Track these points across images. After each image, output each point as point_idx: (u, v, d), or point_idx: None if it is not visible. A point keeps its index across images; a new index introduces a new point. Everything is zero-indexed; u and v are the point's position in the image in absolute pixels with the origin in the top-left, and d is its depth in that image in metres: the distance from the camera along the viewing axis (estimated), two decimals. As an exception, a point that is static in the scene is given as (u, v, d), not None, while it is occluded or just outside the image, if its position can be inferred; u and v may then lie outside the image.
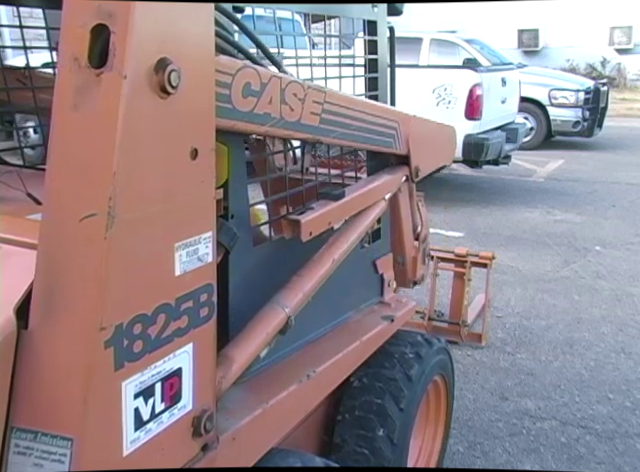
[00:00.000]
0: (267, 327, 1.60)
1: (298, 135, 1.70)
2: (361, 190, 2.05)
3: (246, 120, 1.45)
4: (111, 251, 1.08)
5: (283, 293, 1.69)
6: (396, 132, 2.16)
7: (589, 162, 10.03)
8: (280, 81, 1.53)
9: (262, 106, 1.49)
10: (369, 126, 1.99)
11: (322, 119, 1.73)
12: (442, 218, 6.82)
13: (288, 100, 1.57)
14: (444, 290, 4.42)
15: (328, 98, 1.74)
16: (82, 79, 1.06)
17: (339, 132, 1.84)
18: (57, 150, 1.11)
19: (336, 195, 1.90)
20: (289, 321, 1.65)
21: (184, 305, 1.26)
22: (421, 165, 2.36)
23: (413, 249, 2.56)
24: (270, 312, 1.63)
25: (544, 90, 10.65)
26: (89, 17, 1.05)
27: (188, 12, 1.17)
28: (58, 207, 1.11)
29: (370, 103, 2.08)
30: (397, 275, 2.59)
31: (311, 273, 1.78)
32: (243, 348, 1.53)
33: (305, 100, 1.64)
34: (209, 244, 1.31)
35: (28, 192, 1.47)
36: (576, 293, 4.92)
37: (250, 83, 1.43)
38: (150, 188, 1.14)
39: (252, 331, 1.58)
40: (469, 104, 6.89)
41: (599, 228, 6.59)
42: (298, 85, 1.61)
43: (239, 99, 1.41)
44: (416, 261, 2.58)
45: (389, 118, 2.11)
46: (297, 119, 1.63)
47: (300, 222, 1.72)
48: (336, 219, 1.92)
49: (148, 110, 1.10)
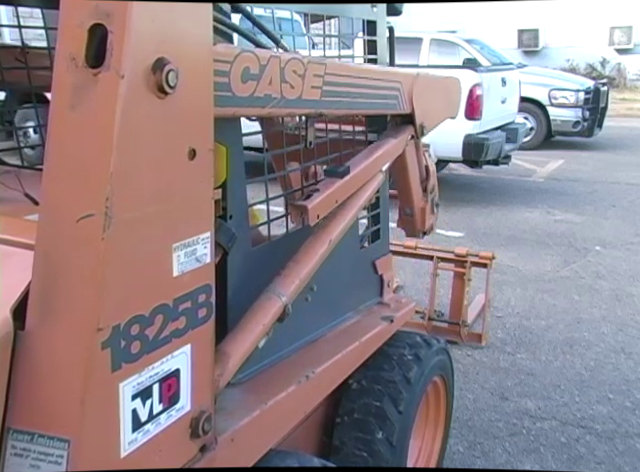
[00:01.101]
0: (264, 319, 1.58)
1: (299, 112, 1.68)
2: (366, 161, 2.01)
3: (247, 105, 1.44)
4: (108, 252, 1.08)
5: (279, 281, 1.66)
6: (399, 92, 2.14)
7: (589, 162, 10.02)
8: (279, 60, 1.51)
9: (262, 88, 1.47)
10: (372, 91, 1.97)
11: (324, 91, 1.70)
12: (442, 218, 6.78)
13: (288, 78, 1.55)
14: (444, 290, 4.41)
15: (329, 70, 1.71)
16: (79, 79, 1.05)
17: (342, 102, 1.81)
18: (54, 150, 1.10)
19: (341, 172, 1.87)
20: (286, 309, 1.62)
21: (182, 306, 1.25)
22: (426, 122, 2.33)
23: (422, 200, 2.54)
24: (266, 302, 1.60)
25: (544, 90, 10.65)
26: (86, 17, 1.04)
27: (186, 12, 1.16)
28: (55, 207, 1.11)
29: (372, 68, 2.04)
30: (406, 226, 2.59)
31: (307, 257, 1.75)
32: (240, 343, 1.52)
33: (305, 75, 1.62)
34: (207, 245, 1.30)
35: (26, 192, 1.46)
36: (576, 293, 4.91)
37: (249, 67, 1.42)
38: (147, 188, 1.13)
39: (248, 324, 1.56)
40: (469, 104, 6.88)
41: (599, 228, 6.58)
42: (297, 61, 1.58)
43: (239, 85, 1.40)
44: (425, 212, 2.56)
45: (392, 80, 2.08)
46: (298, 96, 1.60)
47: (307, 208, 1.71)
48: (343, 196, 1.90)
49: (145, 110, 1.09)
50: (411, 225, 2.58)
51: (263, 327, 1.57)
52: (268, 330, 1.60)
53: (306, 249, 1.78)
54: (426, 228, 2.61)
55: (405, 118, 2.25)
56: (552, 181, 8.79)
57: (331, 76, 1.72)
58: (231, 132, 1.53)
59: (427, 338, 2.42)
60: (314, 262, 1.76)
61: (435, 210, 2.65)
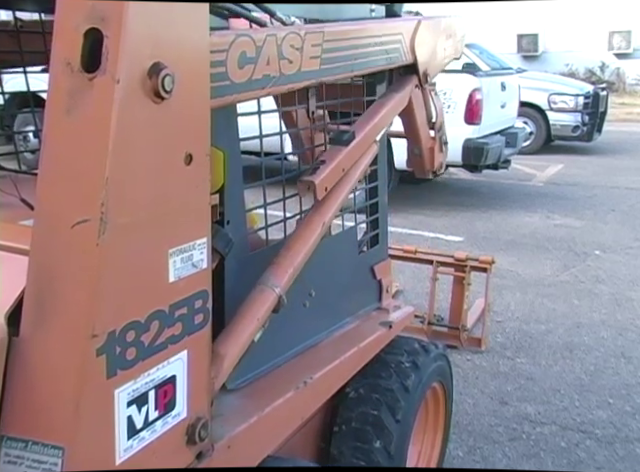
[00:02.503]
0: (257, 313, 1.54)
1: (300, 85, 1.66)
2: (371, 122, 1.98)
3: (245, 90, 1.43)
4: (103, 257, 1.07)
5: (272, 271, 1.63)
6: (401, 44, 2.11)
7: (588, 166, 10.02)
8: (276, 38, 1.49)
9: (260, 70, 1.46)
10: (373, 49, 1.94)
11: (323, 60, 1.68)
12: (442, 222, 6.81)
13: (286, 54, 1.54)
14: (444, 294, 4.40)
15: (327, 36, 1.69)
16: (74, 83, 1.05)
17: (342, 66, 1.79)
18: (49, 155, 1.09)
19: (346, 140, 1.84)
20: (281, 300, 1.59)
21: (178, 312, 1.24)
22: (430, 69, 2.30)
23: (429, 140, 2.51)
24: (259, 295, 1.57)
25: (543, 95, 10.66)
26: (82, 21, 1.04)
27: (183, 16, 1.16)
28: (50, 213, 1.10)
29: (371, 26, 2.00)
30: (415, 167, 2.56)
31: (301, 243, 1.71)
32: (234, 342, 1.49)
33: (303, 48, 1.60)
34: (204, 250, 1.29)
35: (22, 197, 1.46)
36: (576, 297, 4.91)
37: (245, 52, 1.40)
38: (143, 193, 1.13)
39: (242, 321, 1.53)
40: (468, 109, 6.89)
41: (599, 232, 6.58)
42: (294, 35, 1.56)
43: (236, 71, 1.39)
44: (433, 151, 2.52)
45: (392, 33, 2.06)
46: (297, 69, 1.59)
47: (314, 183, 1.70)
48: (350, 163, 1.87)
49: (141, 115, 1.09)
50: (420, 165, 2.55)
51: (257, 322, 1.54)
52: (263, 323, 1.56)
53: (299, 234, 1.73)
54: (435, 167, 2.57)
55: (408, 68, 2.22)
56: (551, 185, 8.78)
57: (330, 43, 1.70)
58: (228, 136, 1.53)
59: (425, 344, 2.40)
60: (308, 248, 1.72)
61: (444, 148, 2.61)
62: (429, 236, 6.30)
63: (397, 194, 6.70)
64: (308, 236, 1.73)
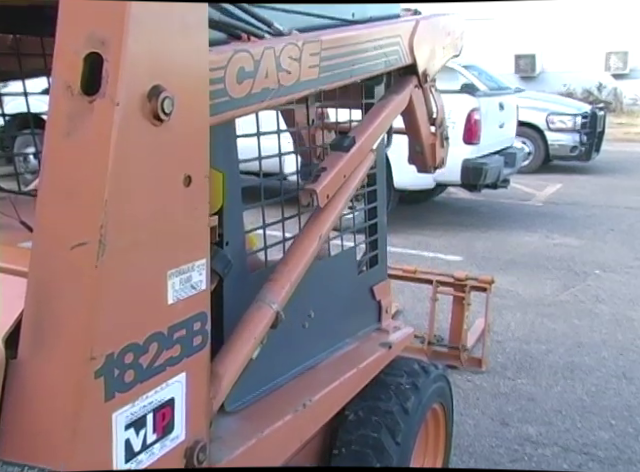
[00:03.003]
0: (255, 331, 1.54)
1: (298, 95, 1.66)
2: (371, 126, 1.98)
3: (245, 105, 1.43)
4: (102, 279, 1.07)
5: (269, 287, 1.62)
6: (400, 46, 2.11)
7: (587, 186, 10.04)
8: (273, 51, 1.50)
9: (259, 83, 1.46)
10: (372, 53, 1.94)
11: (321, 68, 1.69)
12: (441, 242, 6.81)
13: (284, 65, 1.54)
14: (443, 314, 4.38)
15: (325, 45, 1.69)
16: (74, 107, 1.06)
17: (341, 73, 1.79)
18: (48, 177, 1.10)
19: (347, 145, 1.84)
20: (279, 317, 1.58)
21: (177, 334, 1.24)
22: (429, 68, 2.30)
23: (431, 136, 2.51)
24: (257, 313, 1.56)
25: (541, 115, 10.70)
26: (82, 45, 1.05)
27: (182, 39, 1.17)
28: (49, 235, 1.10)
29: (370, 30, 1.99)
30: (417, 163, 2.56)
31: (297, 257, 1.70)
32: (232, 361, 1.48)
33: (301, 58, 1.60)
34: (203, 272, 1.29)
35: (21, 219, 1.46)
36: (576, 317, 4.89)
37: (243, 67, 1.41)
38: (142, 215, 1.13)
39: (239, 339, 1.52)
40: (467, 129, 6.91)
41: (598, 252, 6.57)
42: (292, 46, 1.56)
43: (235, 87, 1.39)
44: (434, 147, 2.52)
45: (391, 36, 2.05)
46: (296, 80, 1.59)
47: (316, 191, 1.70)
48: (351, 169, 1.86)
49: (141, 137, 1.09)
50: (422, 162, 2.55)
51: (255, 340, 1.53)
52: (262, 340, 1.55)
53: (295, 248, 1.72)
54: (437, 163, 2.57)
55: (407, 69, 2.22)
56: (551, 205, 8.80)
57: (328, 51, 1.70)
58: (227, 158, 1.53)
59: (425, 365, 2.39)
60: (305, 262, 1.70)
61: (445, 144, 2.60)
62: (428, 256, 6.30)
63: (396, 214, 6.70)
64: (305, 250, 1.72)
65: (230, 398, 1.56)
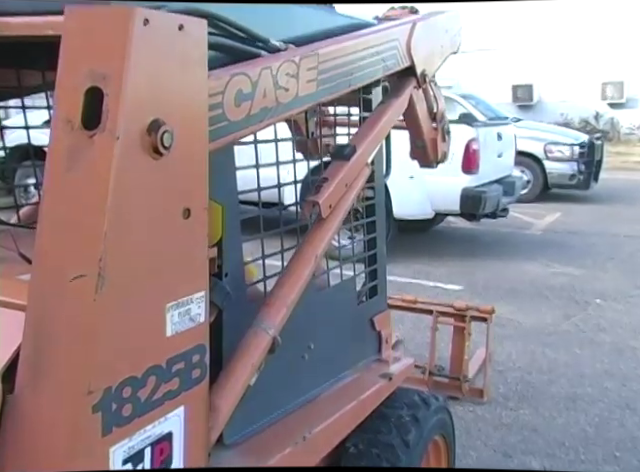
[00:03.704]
0: (252, 358, 1.52)
1: (297, 111, 1.65)
2: (372, 132, 1.97)
3: (244, 127, 1.44)
4: (101, 312, 1.07)
5: (265, 312, 1.59)
6: (397, 50, 2.10)
7: (586, 215, 10.06)
8: (270, 70, 1.50)
9: (257, 104, 1.46)
10: (369, 60, 1.93)
11: (319, 81, 1.68)
12: (441, 271, 6.79)
13: (282, 83, 1.54)
14: (444, 344, 4.36)
15: (322, 58, 1.68)
16: (75, 141, 1.06)
17: (339, 83, 1.78)
18: (48, 210, 1.10)
19: (348, 154, 1.83)
20: (276, 341, 1.56)
21: (175, 367, 1.23)
22: (427, 68, 2.28)
23: (432, 131, 2.49)
24: (253, 339, 1.54)
25: (539, 144, 10.78)
26: (83, 80, 1.06)
27: (182, 73, 1.18)
28: (47, 267, 1.10)
29: (366, 37, 1.98)
30: (419, 158, 2.55)
31: (293, 280, 1.68)
32: (229, 391, 1.46)
33: (299, 74, 1.59)
34: (202, 304, 1.29)
35: (20, 252, 1.46)
36: (577, 347, 4.86)
37: (241, 90, 1.41)
38: (141, 248, 1.13)
39: (236, 368, 1.50)
40: (466, 158, 6.96)
41: (599, 281, 6.56)
42: (289, 63, 1.56)
43: (233, 110, 1.39)
44: (436, 142, 2.51)
45: (388, 40, 2.05)
46: (294, 97, 1.58)
47: (319, 203, 1.69)
48: (352, 177, 1.85)
49: (140, 171, 1.10)
50: (424, 157, 2.54)
51: (252, 367, 1.51)
52: (259, 366, 1.54)
53: (291, 270, 1.70)
54: (439, 157, 2.56)
55: (405, 71, 2.20)
56: (550, 233, 8.80)
57: (325, 63, 1.70)
58: (226, 190, 1.54)
59: (426, 397, 2.36)
60: (301, 284, 1.68)
61: (446, 137, 2.58)
62: (428, 285, 6.28)
63: (396, 243, 6.71)
64: (300, 271, 1.70)
65: (229, 431, 1.54)
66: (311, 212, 1.72)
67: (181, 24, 1.16)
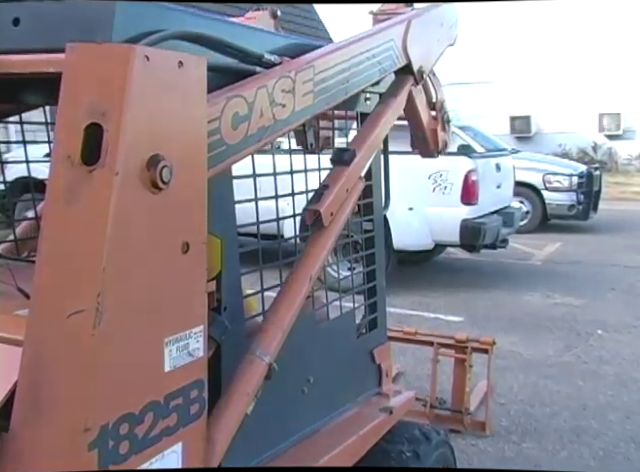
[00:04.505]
0: (247, 388, 1.49)
1: (295, 125, 1.65)
2: (371, 135, 1.95)
3: (242, 149, 1.44)
4: (99, 348, 1.06)
5: (260, 339, 1.57)
6: (393, 51, 2.09)
7: (586, 245, 10.07)
8: (266, 88, 1.49)
9: (255, 124, 1.46)
10: (365, 64, 1.92)
11: (316, 93, 1.68)
12: (441, 302, 6.77)
13: (279, 100, 1.53)
14: (445, 376, 4.32)
15: (317, 69, 1.68)
16: (74, 176, 1.07)
17: (337, 92, 1.77)
18: (47, 245, 1.10)
19: (347, 159, 1.82)
20: (272, 368, 1.54)
21: (173, 402, 1.22)
22: (424, 65, 2.27)
23: (432, 121, 2.48)
24: (248, 367, 1.52)
25: (538, 175, 10.83)
26: (82, 116, 1.07)
27: (181, 108, 1.19)
28: (45, 302, 1.10)
29: (362, 42, 1.95)
30: (420, 149, 2.54)
31: (288, 303, 1.65)
32: (225, 423, 1.44)
33: (295, 88, 1.59)
34: (200, 338, 1.28)
35: (18, 287, 1.45)
36: (580, 378, 4.82)
37: (238, 112, 1.41)
38: (140, 283, 1.13)
39: (232, 399, 1.47)
40: (465, 189, 6.99)
41: (600, 311, 6.53)
42: (285, 79, 1.55)
43: (230, 134, 1.39)
44: (436, 132, 2.50)
45: (383, 42, 2.03)
46: (291, 112, 1.58)
47: (320, 211, 1.68)
48: (353, 182, 1.84)
49: (139, 206, 1.10)
50: (425, 148, 2.54)
51: (248, 397, 1.49)
52: (255, 394, 1.51)
53: (285, 293, 1.67)
54: (440, 147, 2.55)
55: (402, 70, 2.20)
56: (550, 264, 8.80)
57: (321, 74, 1.69)
58: (225, 223, 1.54)
59: (426, 431, 2.34)
60: (296, 307, 1.65)
61: (446, 127, 2.57)
62: (429, 316, 6.26)
63: (396, 274, 6.70)
64: (295, 294, 1.67)
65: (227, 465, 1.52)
66: (312, 219, 1.70)
67: (181, 61, 1.17)
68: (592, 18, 19.40)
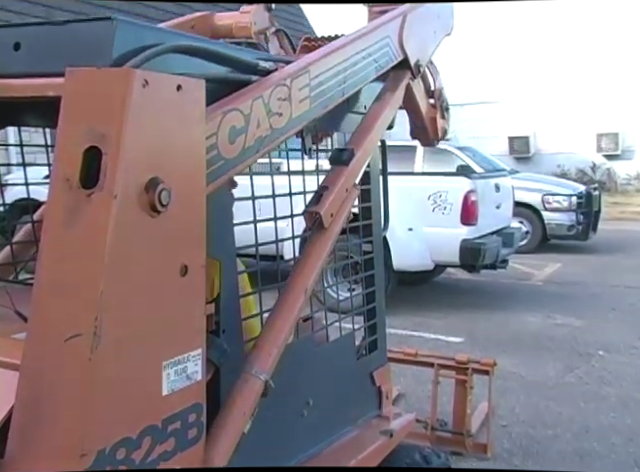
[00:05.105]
0: (244, 406, 1.47)
1: (293, 132, 1.64)
2: (369, 134, 1.93)
3: (240, 162, 1.43)
4: (96, 372, 1.05)
5: (255, 356, 1.55)
6: (389, 47, 2.08)
7: (586, 265, 10.05)
8: (262, 99, 1.49)
9: (252, 136, 1.46)
10: (361, 64, 1.91)
11: (312, 98, 1.67)
12: (442, 323, 6.74)
13: (275, 109, 1.53)
14: (447, 397, 4.29)
15: (313, 73, 1.67)
16: (73, 199, 1.07)
17: (332, 95, 1.76)
18: (45, 268, 1.10)
19: (346, 159, 1.81)
20: (268, 385, 1.51)
21: (171, 427, 1.21)
22: (421, 57, 2.25)
23: (431, 109, 2.46)
24: (244, 387, 1.49)
25: (537, 195, 10.85)
26: (82, 139, 1.07)
27: (180, 131, 1.20)
28: (43, 325, 1.09)
29: (357, 42, 1.93)
30: (420, 137, 2.52)
31: (283, 318, 1.63)
32: (223, 443, 1.42)
33: (291, 95, 1.58)
34: (198, 362, 1.27)
35: (16, 310, 1.45)
36: (582, 400, 4.78)
37: (234, 125, 1.41)
38: (138, 306, 1.12)
39: (228, 418, 1.45)
40: (464, 210, 6.99)
41: (601, 332, 6.50)
42: (281, 87, 1.55)
43: (228, 148, 1.39)
44: (435, 121, 2.48)
45: (380, 39, 2.02)
46: (288, 120, 1.57)
47: (320, 213, 1.67)
48: (352, 181, 1.83)
49: (137, 229, 1.10)
50: (424, 136, 2.53)
51: (245, 416, 1.47)
52: (252, 413, 1.49)
53: (280, 307, 1.64)
54: (440, 135, 2.53)
55: (399, 65, 2.18)
56: (551, 284, 8.78)
57: (317, 78, 1.69)
58: (224, 246, 1.54)
59: (427, 454, 2.31)
60: (291, 322, 1.63)
61: (445, 115, 2.55)
62: (429, 337, 6.23)
63: (396, 295, 6.68)
64: (290, 309, 1.65)
65: None
66: (312, 221, 1.70)
67: (179, 84, 1.18)
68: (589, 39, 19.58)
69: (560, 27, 19.87)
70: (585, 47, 19.66)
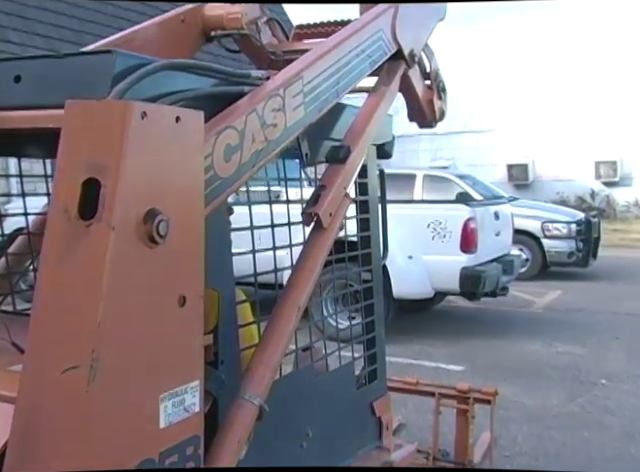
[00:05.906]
0: (238, 433, 1.44)
1: (288, 142, 1.62)
2: (366, 129, 1.90)
3: (237, 179, 1.43)
4: (92, 405, 1.04)
5: (248, 380, 1.51)
6: (382, 41, 2.07)
7: (587, 292, 10.02)
8: (256, 112, 1.48)
9: (247, 151, 1.45)
10: (355, 62, 1.89)
11: (306, 103, 1.66)
12: (442, 351, 6.70)
13: (269, 121, 1.52)
14: (448, 427, 4.24)
15: (306, 79, 1.66)
16: (71, 230, 1.07)
17: (327, 97, 1.74)
18: (42, 300, 1.10)
19: (343, 157, 1.79)
20: (262, 410, 1.48)
21: (169, 460, 1.19)
22: (415, 46, 2.24)
23: (427, 91, 2.44)
24: (238, 412, 1.46)
25: (537, 222, 10.88)
26: (80, 171, 1.08)
27: (178, 163, 1.20)
28: (39, 358, 1.08)
29: (350, 40, 1.91)
30: (417, 119, 2.50)
31: (276, 339, 1.59)
32: None
33: (285, 105, 1.57)
34: (196, 393, 1.26)
35: (13, 342, 1.44)
36: (585, 430, 4.72)
37: (229, 143, 1.40)
38: (135, 338, 1.12)
39: (223, 446, 1.42)
40: (464, 237, 7.00)
41: (603, 360, 6.45)
42: (275, 98, 1.54)
43: (224, 167, 1.38)
44: (432, 102, 2.46)
45: (372, 34, 2.00)
46: (283, 129, 1.56)
47: (319, 214, 1.66)
48: (350, 179, 1.81)
49: (135, 260, 1.10)
50: (422, 118, 2.51)
51: (240, 443, 1.44)
52: (248, 437, 1.46)
53: (272, 327, 1.60)
54: (437, 116, 2.51)
55: (393, 56, 2.17)
56: (551, 312, 8.74)
57: (310, 83, 1.67)
58: (222, 276, 1.53)
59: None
60: (284, 342, 1.60)
61: (442, 95, 2.52)
62: (430, 366, 6.19)
63: (396, 323, 6.65)
64: (284, 327, 1.62)
65: None
66: (311, 221, 1.68)
67: (178, 116, 1.18)
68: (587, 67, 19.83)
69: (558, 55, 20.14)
70: (583, 75, 19.89)
